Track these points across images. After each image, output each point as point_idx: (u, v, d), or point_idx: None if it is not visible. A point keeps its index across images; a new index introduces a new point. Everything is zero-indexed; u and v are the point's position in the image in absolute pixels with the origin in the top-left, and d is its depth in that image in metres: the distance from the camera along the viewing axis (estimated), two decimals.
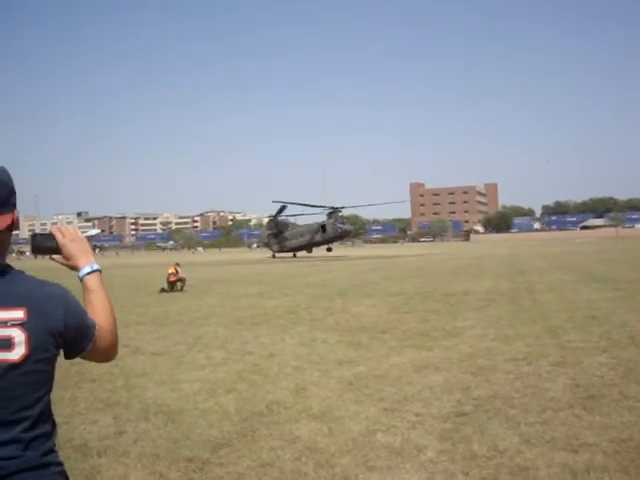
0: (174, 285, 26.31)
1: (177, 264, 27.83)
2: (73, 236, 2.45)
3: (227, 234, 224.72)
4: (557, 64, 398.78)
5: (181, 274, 26.85)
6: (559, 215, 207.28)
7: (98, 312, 2.39)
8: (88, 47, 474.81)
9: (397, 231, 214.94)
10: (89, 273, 2.43)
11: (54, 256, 2.45)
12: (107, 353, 2.42)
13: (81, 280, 2.43)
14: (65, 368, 9.99)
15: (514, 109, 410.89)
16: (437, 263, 47.13)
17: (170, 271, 26.71)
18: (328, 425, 6.82)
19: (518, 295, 19.92)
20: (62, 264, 2.47)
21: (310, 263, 55.89)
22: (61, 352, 2.31)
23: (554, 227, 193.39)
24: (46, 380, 2.23)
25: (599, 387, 7.98)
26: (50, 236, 2.43)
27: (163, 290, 25.84)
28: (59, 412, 7.44)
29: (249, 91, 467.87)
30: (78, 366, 10.29)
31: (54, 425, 2.27)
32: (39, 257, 62.77)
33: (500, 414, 7.01)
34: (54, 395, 7.85)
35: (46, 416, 2.21)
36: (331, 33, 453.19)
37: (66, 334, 2.22)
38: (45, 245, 2.45)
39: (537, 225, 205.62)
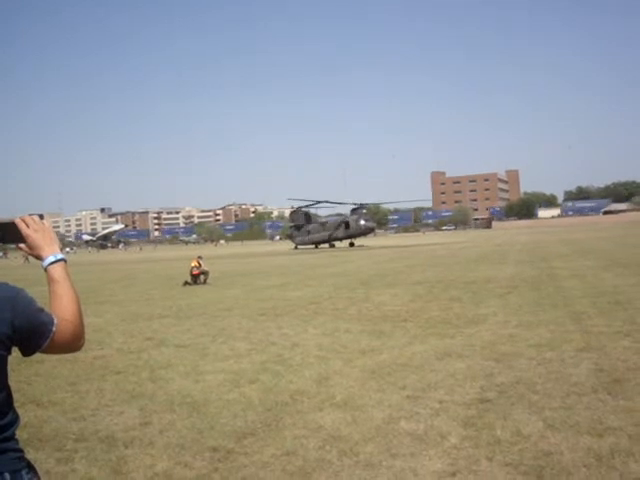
0: (197, 278, 26.46)
1: (200, 257, 28.00)
2: (37, 226, 2.43)
3: (250, 227, 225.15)
4: (576, 47, 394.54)
5: (204, 267, 27.03)
6: (580, 200, 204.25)
7: (61, 303, 2.35)
8: (99, 44, 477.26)
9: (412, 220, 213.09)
10: (53, 263, 2.40)
11: (20, 245, 2.45)
12: (70, 345, 2.37)
13: (45, 270, 2.40)
14: (89, 362, 10.13)
15: (533, 94, 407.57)
16: (459, 251, 46.95)
17: (193, 264, 26.88)
18: (351, 413, 6.85)
19: (541, 282, 19.81)
20: (28, 254, 2.47)
21: (332, 254, 55.90)
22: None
23: (571, 213, 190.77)
24: None
25: (623, 371, 7.93)
26: (13, 226, 2.42)
27: (187, 283, 26.04)
28: (85, 405, 7.56)
29: (267, 84, 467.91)
30: (102, 360, 10.43)
31: (15, 418, 2.28)
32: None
33: (523, 400, 7.00)
34: (80, 388, 7.91)
35: (4, 412, 2.22)
36: (350, 31, 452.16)
37: (15, 336, 2.20)
38: (10, 235, 2.45)
39: (556, 212, 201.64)
